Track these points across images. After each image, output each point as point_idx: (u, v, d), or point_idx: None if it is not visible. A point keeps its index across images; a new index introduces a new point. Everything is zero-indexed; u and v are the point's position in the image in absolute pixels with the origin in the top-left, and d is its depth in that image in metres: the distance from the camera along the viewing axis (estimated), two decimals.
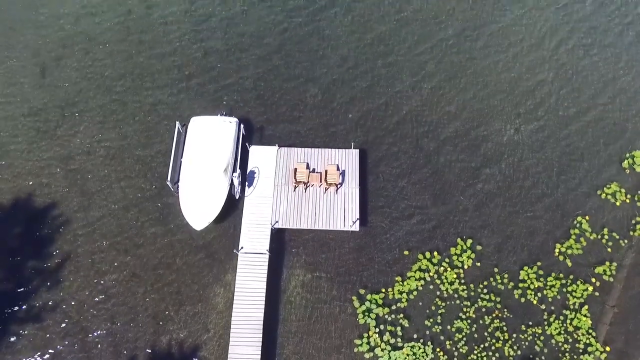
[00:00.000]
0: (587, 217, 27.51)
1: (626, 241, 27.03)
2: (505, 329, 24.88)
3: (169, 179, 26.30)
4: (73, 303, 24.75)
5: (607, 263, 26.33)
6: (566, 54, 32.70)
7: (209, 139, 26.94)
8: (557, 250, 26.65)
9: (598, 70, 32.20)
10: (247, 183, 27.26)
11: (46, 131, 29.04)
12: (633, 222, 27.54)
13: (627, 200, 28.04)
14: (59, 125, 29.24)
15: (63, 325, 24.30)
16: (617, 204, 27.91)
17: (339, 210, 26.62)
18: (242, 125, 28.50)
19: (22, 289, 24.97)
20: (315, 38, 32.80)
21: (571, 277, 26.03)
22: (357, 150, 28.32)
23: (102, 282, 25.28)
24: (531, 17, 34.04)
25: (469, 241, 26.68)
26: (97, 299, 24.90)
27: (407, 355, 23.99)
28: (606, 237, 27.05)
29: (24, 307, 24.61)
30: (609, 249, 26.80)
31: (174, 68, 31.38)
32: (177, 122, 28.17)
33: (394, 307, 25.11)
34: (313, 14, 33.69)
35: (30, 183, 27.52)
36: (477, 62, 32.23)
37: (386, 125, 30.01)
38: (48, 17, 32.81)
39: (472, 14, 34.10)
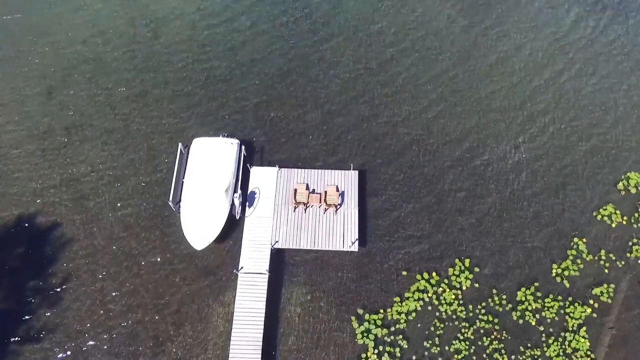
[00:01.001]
0: (583, 239, 27.77)
1: (623, 263, 27.23)
2: (503, 350, 24.90)
3: (170, 199, 26.74)
4: (73, 323, 24.87)
5: (605, 285, 26.48)
6: (565, 82, 33.33)
7: (210, 160, 27.47)
8: (554, 271, 26.84)
9: (595, 96, 32.87)
10: (247, 203, 27.66)
11: (51, 153, 29.61)
12: (630, 243, 27.79)
13: (624, 222, 28.35)
14: (64, 147, 29.83)
15: (63, 346, 24.36)
16: (613, 225, 28.20)
17: (338, 231, 26.95)
18: (243, 147, 29.06)
19: (23, 310, 25.12)
20: (317, 64, 33.66)
21: (569, 298, 26.15)
22: (357, 172, 28.79)
23: (102, 301, 25.43)
24: (532, 47, 34.81)
25: (467, 262, 26.91)
26: (97, 318, 25.02)
27: None
28: (603, 258, 27.27)
29: (25, 328, 24.71)
30: (606, 270, 26.98)
31: (177, 91, 32.13)
32: (180, 143, 28.76)
33: (392, 328, 25.17)
34: (315, 41, 34.61)
35: (34, 204, 27.95)
36: (478, 90, 32.90)
37: (385, 146, 30.57)
38: (57, 42, 33.76)
39: (473, 44, 35.01)
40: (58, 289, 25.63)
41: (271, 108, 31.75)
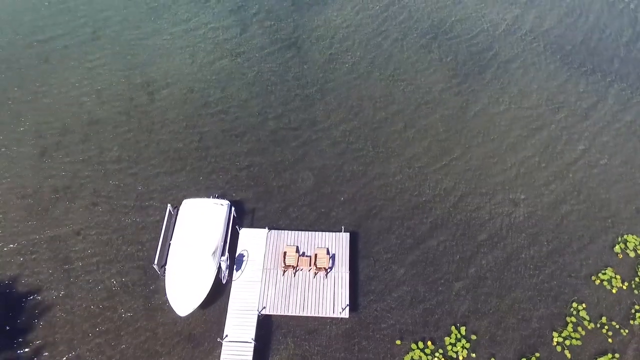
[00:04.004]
0: (583, 304, 26.75)
1: (627, 331, 26.04)
2: None
3: (155, 262, 26.00)
4: None
5: (609, 355, 25.15)
6: (574, 160, 33.29)
7: (199, 222, 26.98)
8: (555, 340, 25.59)
9: (590, 162, 32.94)
10: (235, 267, 26.87)
11: (37, 212, 29.18)
12: (632, 310, 26.71)
13: (624, 287, 27.43)
14: (51, 206, 29.45)
15: None
16: (613, 291, 27.26)
17: (328, 296, 25.98)
18: (233, 208, 28.68)
19: None
20: (308, 122, 34.06)
21: None
22: (348, 234, 28.25)
23: None
24: (540, 123, 34.47)
25: (463, 329, 25.73)
26: None
27: None
28: (606, 326, 26.11)
29: None
30: (610, 339, 25.73)
31: (170, 152, 32.23)
32: (169, 205, 28.41)
33: None
34: (306, 102, 35.25)
35: (15, 264, 27.16)
36: (471, 149, 33.11)
37: (377, 208, 30.19)
38: (53, 102, 34.30)
39: (472, 118, 35.66)
40: (32, 357, 24.23)
41: (262, 167, 31.72)
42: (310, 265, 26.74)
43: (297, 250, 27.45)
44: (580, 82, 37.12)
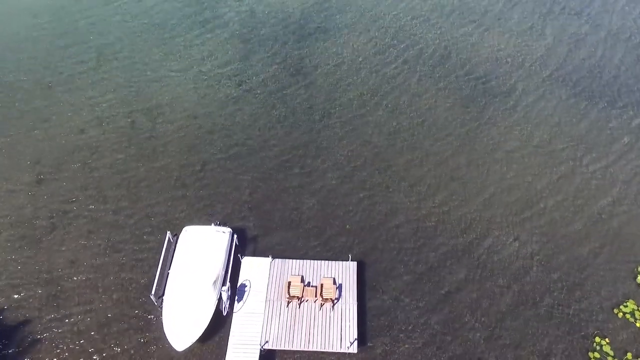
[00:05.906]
0: (607, 339, 25.17)
1: None
2: None
3: (152, 292, 24.64)
4: None
5: None
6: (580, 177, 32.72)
7: (199, 250, 25.81)
8: None
9: (606, 184, 32.00)
10: (236, 298, 25.47)
11: (31, 240, 28.03)
12: None
13: None
14: (46, 234, 28.32)
15: None
16: (638, 324, 25.72)
17: (335, 329, 24.49)
18: (235, 236, 27.53)
19: None
20: (312, 149, 33.28)
21: None
22: (355, 263, 26.98)
23: None
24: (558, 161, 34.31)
25: None
26: None
27: None
28: None
29: None
30: None
31: (171, 178, 31.32)
32: (168, 232, 27.29)
33: None
34: (310, 127, 34.59)
35: (6, 293, 25.81)
36: (480, 177, 32.22)
37: (385, 237, 28.99)
38: (54, 127, 33.67)
39: (476, 140, 35.02)
40: None
41: (265, 194, 30.71)
42: (316, 296, 25.37)
43: (302, 280, 26.13)
44: (607, 123, 35.56)
